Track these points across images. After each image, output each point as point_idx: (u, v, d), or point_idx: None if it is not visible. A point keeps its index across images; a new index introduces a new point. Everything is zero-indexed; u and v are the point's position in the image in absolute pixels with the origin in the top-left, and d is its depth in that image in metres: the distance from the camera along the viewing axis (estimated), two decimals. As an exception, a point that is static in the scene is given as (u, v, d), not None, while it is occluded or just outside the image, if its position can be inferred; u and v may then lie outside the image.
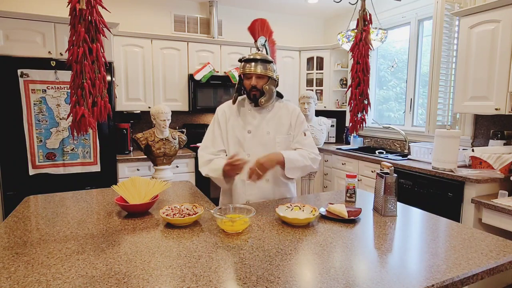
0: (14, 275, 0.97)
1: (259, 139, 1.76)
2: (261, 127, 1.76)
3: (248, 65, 1.71)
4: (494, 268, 1.07)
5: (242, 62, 1.75)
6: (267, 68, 1.71)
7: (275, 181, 1.79)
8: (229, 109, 1.82)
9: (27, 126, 2.91)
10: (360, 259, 1.10)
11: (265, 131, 1.76)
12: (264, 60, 1.71)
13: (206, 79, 3.82)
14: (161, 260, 1.07)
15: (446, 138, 2.54)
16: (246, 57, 1.73)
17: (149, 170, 3.42)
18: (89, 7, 1.25)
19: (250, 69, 1.69)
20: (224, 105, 1.87)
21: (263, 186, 1.77)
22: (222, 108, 1.85)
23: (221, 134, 1.79)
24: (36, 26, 2.95)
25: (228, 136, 1.78)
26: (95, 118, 1.33)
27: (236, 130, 1.77)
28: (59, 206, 1.66)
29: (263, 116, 1.78)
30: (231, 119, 1.80)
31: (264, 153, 1.69)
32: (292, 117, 1.83)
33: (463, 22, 2.70)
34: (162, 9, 4.04)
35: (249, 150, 1.74)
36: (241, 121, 1.78)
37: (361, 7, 1.80)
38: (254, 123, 1.77)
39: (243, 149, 1.75)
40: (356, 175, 1.75)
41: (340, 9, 4.44)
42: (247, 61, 1.72)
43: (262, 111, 1.79)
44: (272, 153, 1.68)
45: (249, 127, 1.76)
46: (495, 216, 2.23)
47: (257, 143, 1.75)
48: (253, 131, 1.76)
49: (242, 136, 1.76)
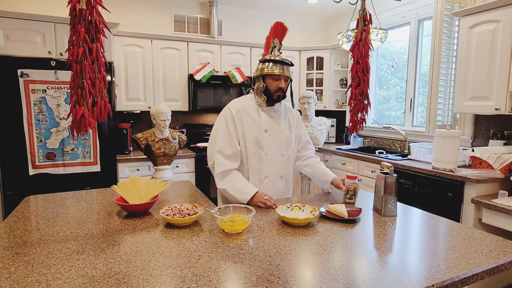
0: (14, 275, 0.97)
1: (275, 138, 1.81)
2: (275, 126, 1.82)
3: (277, 67, 1.72)
4: (494, 268, 1.07)
5: (267, 62, 1.74)
6: (291, 71, 1.78)
7: (287, 179, 1.88)
8: (242, 108, 1.79)
9: (27, 126, 2.91)
10: (360, 259, 1.10)
11: (279, 131, 1.82)
12: (290, 63, 1.77)
13: (206, 79, 3.82)
14: (161, 260, 1.07)
15: (446, 138, 2.54)
16: (273, 58, 1.74)
17: (149, 170, 3.42)
18: (89, 7, 1.25)
19: (281, 71, 1.71)
20: (236, 103, 1.81)
21: (278, 184, 1.84)
22: (235, 106, 1.79)
23: (236, 133, 1.76)
24: (36, 26, 2.95)
25: (245, 135, 1.76)
26: (95, 118, 1.32)
27: (253, 129, 1.77)
28: (59, 206, 1.66)
29: (276, 116, 1.84)
30: (246, 118, 1.77)
31: (280, 151, 1.80)
32: (296, 117, 1.95)
33: (463, 22, 2.70)
34: (162, 9, 4.04)
35: (267, 149, 1.79)
36: (257, 120, 1.78)
37: (361, 7, 1.80)
38: (269, 122, 1.81)
39: (261, 148, 1.78)
40: (356, 176, 1.75)
41: (340, 9, 4.44)
42: (275, 62, 1.73)
43: (273, 111, 1.84)
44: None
45: (266, 126, 1.79)
46: (495, 216, 2.23)
47: (273, 142, 1.80)
48: (269, 130, 1.80)
49: (260, 135, 1.77)
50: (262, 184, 1.80)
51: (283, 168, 1.83)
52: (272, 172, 1.80)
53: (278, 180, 1.83)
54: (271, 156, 1.78)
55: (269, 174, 1.80)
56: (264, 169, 1.78)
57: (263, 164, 1.78)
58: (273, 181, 1.81)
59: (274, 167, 1.80)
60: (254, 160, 1.77)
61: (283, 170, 1.83)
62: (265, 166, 1.78)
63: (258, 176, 1.79)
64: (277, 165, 1.81)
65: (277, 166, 1.81)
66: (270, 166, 1.79)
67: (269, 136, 1.79)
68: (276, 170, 1.81)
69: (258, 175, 1.79)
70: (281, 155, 1.82)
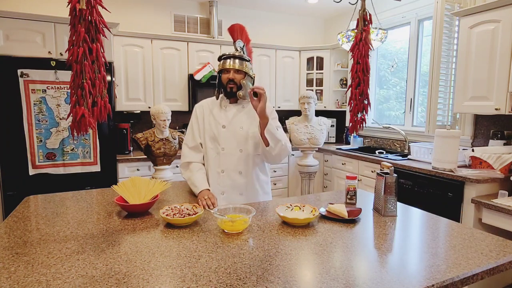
0: (14, 275, 0.97)
1: (232, 134, 1.86)
2: (234, 122, 1.87)
3: (227, 61, 1.83)
4: (494, 268, 1.07)
5: (221, 60, 1.87)
6: (244, 65, 1.83)
7: (247, 175, 1.88)
8: (207, 106, 1.95)
9: (27, 126, 2.91)
10: (360, 259, 1.10)
11: (238, 126, 1.86)
12: (241, 57, 1.84)
13: (206, 79, 3.81)
14: (161, 260, 1.07)
15: (446, 138, 2.54)
16: (225, 55, 1.86)
17: (149, 170, 3.42)
18: (89, 7, 1.25)
19: (230, 64, 1.82)
20: (203, 101, 1.99)
21: (236, 179, 1.87)
22: (201, 103, 1.98)
23: (198, 129, 1.93)
24: (36, 26, 2.95)
25: (205, 131, 1.91)
26: (95, 118, 1.32)
27: (212, 125, 1.89)
28: (59, 206, 1.66)
29: (237, 112, 1.88)
30: (207, 115, 1.92)
31: (238, 147, 1.85)
32: None
33: (463, 22, 2.70)
34: (162, 9, 4.04)
35: (223, 143, 1.85)
36: (217, 116, 1.89)
37: (361, 7, 1.80)
38: (228, 118, 1.87)
39: (218, 143, 1.86)
40: (356, 177, 1.75)
41: (340, 9, 4.44)
42: (226, 58, 1.85)
43: (237, 107, 1.90)
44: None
45: (224, 122, 1.87)
46: (495, 216, 2.23)
47: (231, 138, 1.86)
48: (227, 125, 1.86)
49: (217, 131, 1.87)
50: (219, 177, 1.86)
51: (242, 164, 1.85)
52: (230, 167, 1.85)
53: (236, 175, 1.86)
54: (228, 151, 1.84)
55: (226, 169, 1.85)
56: (221, 163, 1.85)
57: (220, 158, 1.85)
58: (230, 175, 1.85)
59: (231, 162, 1.85)
60: (212, 154, 1.88)
61: (241, 165, 1.85)
62: (222, 160, 1.85)
63: (216, 169, 1.87)
64: (234, 160, 1.85)
65: (234, 161, 1.85)
66: (227, 160, 1.85)
67: (227, 131, 1.85)
68: (234, 165, 1.86)
69: (215, 168, 1.87)
70: (239, 151, 1.85)
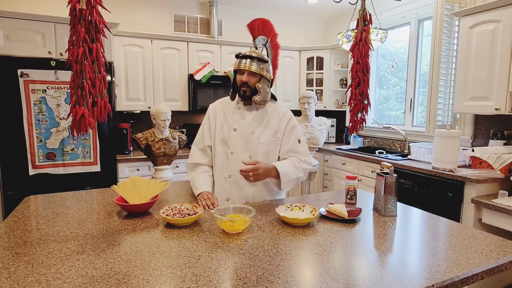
0: (14, 275, 0.97)
1: (243, 138, 1.75)
2: (246, 125, 1.76)
3: (242, 61, 1.71)
4: (494, 268, 1.07)
5: (238, 58, 1.75)
6: (261, 67, 1.70)
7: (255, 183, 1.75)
8: (221, 107, 1.84)
9: (27, 126, 2.91)
10: (360, 259, 1.10)
11: (249, 130, 1.76)
12: (259, 58, 1.70)
13: (206, 79, 3.82)
14: (161, 260, 1.07)
15: (446, 138, 2.54)
16: (242, 53, 1.73)
17: (149, 170, 3.42)
18: (89, 7, 1.25)
19: (245, 65, 1.69)
20: (217, 102, 1.89)
21: (244, 187, 1.75)
22: (214, 104, 1.88)
23: (209, 130, 1.83)
24: (36, 26, 2.95)
25: (216, 132, 1.80)
26: (95, 118, 1.32)
27: (224, 128, 1.79)
28: (59, 206, 1.66)
29: (251, 116, 1.78)
30: (220, 117, 1.81)
31: (247, 152, 1.73)
32: (282, 121, 1.81)
33: (463, 22, 2.70)
34: (162, 9, 4.04)
35: (233, 148, 1.75)
36: (229, 118, 1.79)
37: (361, 7, 1.80)
38: (240, 121, 1.77)
39: (227, 146, 1.76)
40: (356, 177, 1.75)
41: (340, 9, 4.44)
42: (242, 57, 1.72)
43: (251, 111, 1.79)
44: (269, 165, 1.68)
45: (236, 125, 1.76)
46: (495, 216, 2.23)
47: (241, 142, 1.75)
48: (239, 129, 1.76)
49: (227, 134, 1.77)
50: (226, 183, 1.76)
51: None
52: (237, 172, 1.70)
53: (244, 182, 1.72)
54: (237, 156, 1.72)
55: (233, 174, 1.74)
56: (229, 168, 1.75)
57: (228, 163, 1.75)
58: (237, 182, 1.74)
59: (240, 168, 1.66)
60: (221, 158, 1.78)
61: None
62: (230, 165, 1.74)
63: (223, 174, 1.77)
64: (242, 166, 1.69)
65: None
66: (236, 166, 1.72)
67: (238, 135, 1.75)
68: None
69: (223, 173, 1.77)
70: (249, 157, 1.74)
